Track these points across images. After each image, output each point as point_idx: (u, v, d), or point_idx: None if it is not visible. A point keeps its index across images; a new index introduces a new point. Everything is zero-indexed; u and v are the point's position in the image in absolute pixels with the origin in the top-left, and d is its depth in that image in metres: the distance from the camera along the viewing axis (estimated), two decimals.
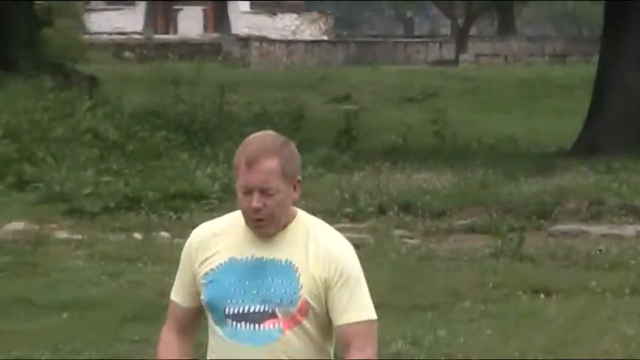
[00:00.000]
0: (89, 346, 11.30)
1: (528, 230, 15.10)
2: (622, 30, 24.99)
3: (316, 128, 22.92)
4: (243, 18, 58.46)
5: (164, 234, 14.73)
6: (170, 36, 52.80)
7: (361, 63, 45.62)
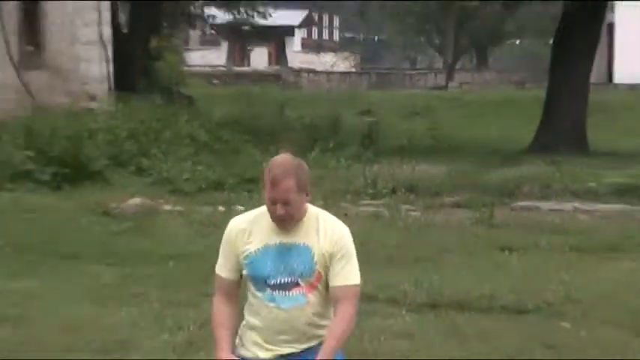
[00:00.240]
0: (188, 287, 10.43)
1: (497, 206, 15.06)
2: (564, 65, 24.35)
3: (348, 133, 22.94)
4: (296, 55, 60.52)
5: (240, 207, 14.56)
6: (244, 68, 54.46)
7: (379, 88, 45.69)
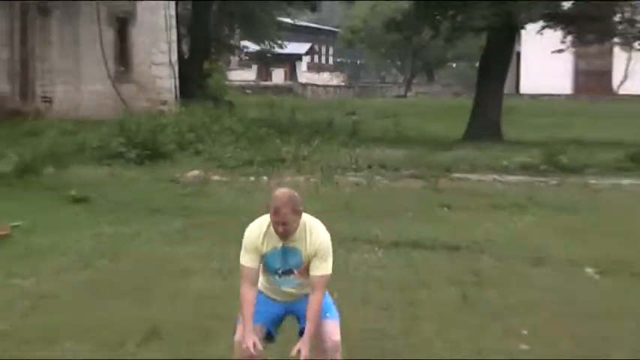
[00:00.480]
0: (230, 231, 10.45)
1: (440, 177, 14.78)
2: (486, 81, 24.26)
3: (338, 128, 22.75)
4: (303, 74, 61.82)
5: (265, 178, 14.45)
6: (268, 82, 54.48)
7: (360, 97, 45.62)
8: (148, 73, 23.66)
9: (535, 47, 34.72)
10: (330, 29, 66.34)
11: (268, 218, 4.66)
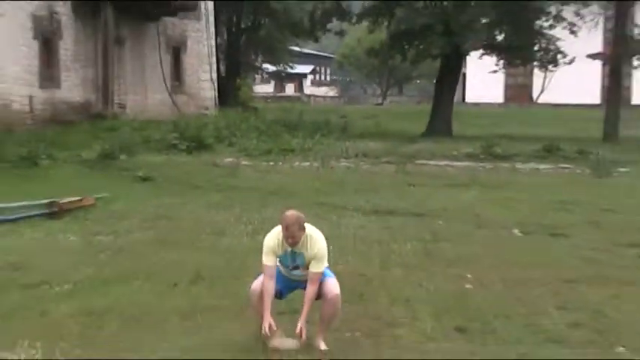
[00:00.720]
0: (255, 202, 10.42)
1: (407, 163, 14.60)
2: (441, 93, 24.08)
3: (333, 127, 22.44)
4: (308, 88, 62.39)
5: (280, 163, 14.35)
6: (282, 93, 54.05)
7: (349, 104, 44.84)
8: (195, 87, 23.41)
9: (476, 68, 34.55)
10: (328, 55, 65.82)
11: (280, 230, 4.52)
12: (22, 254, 7.05)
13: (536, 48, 23.95)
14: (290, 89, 61.47)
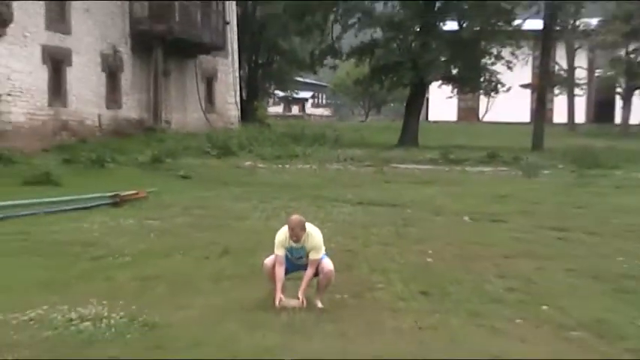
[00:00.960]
0: (270, 193, 10.28)
1: (384, 166, 14.53)
2: (410, 113, 24.07)
3: (328, 138, 22.21)
4: (309, 109, 60.40)
5: (287, 165, 14.26)
6: (289, 113, 53.20)
7: (340, 122, 44.33)
8: (223, 108, 23.34)
9: (436, 94, 34.68)
10: (324, 84, 65.80)
11: (287, 230, 4.47)
12: (92, 234, 7.00)
13: (481, 79, 24.03)
14: (295, 110, 61.30)
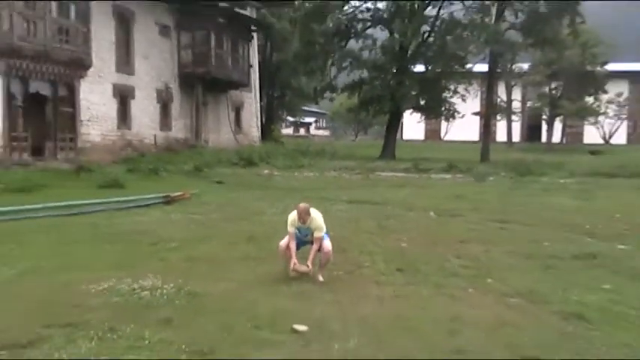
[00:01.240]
0: (284, 195, 9.96)
1: (370, 173, 14.33)
2: (389, 133, 24.03)
3: (326, 153, 22.02)
4: (313, 130, 58.39)
5: (295, 173, 14.09)
6: (298, 134, 51.12)
7: (337, 140, 43.91)
8: (248, 130, 23.25)
9: (409, 119, 34.91)
10: (324, 112, 65.93)
11: (296, 213, 4.38)
12: (148, 225, 6.98)
13: (442, 108, 24.00)
14: (302, 131, 61.19)
